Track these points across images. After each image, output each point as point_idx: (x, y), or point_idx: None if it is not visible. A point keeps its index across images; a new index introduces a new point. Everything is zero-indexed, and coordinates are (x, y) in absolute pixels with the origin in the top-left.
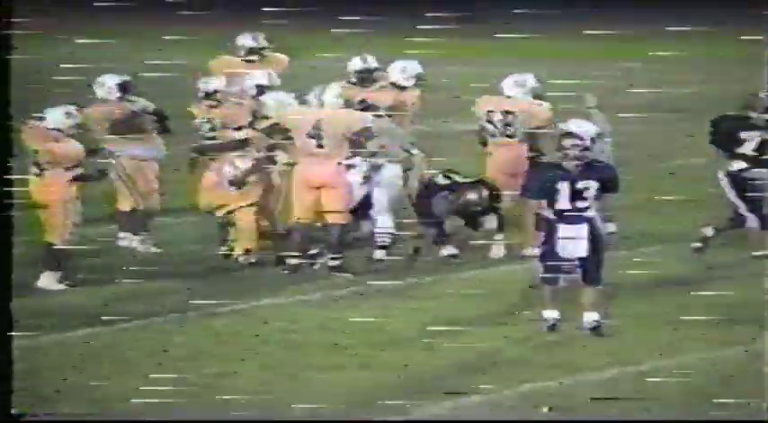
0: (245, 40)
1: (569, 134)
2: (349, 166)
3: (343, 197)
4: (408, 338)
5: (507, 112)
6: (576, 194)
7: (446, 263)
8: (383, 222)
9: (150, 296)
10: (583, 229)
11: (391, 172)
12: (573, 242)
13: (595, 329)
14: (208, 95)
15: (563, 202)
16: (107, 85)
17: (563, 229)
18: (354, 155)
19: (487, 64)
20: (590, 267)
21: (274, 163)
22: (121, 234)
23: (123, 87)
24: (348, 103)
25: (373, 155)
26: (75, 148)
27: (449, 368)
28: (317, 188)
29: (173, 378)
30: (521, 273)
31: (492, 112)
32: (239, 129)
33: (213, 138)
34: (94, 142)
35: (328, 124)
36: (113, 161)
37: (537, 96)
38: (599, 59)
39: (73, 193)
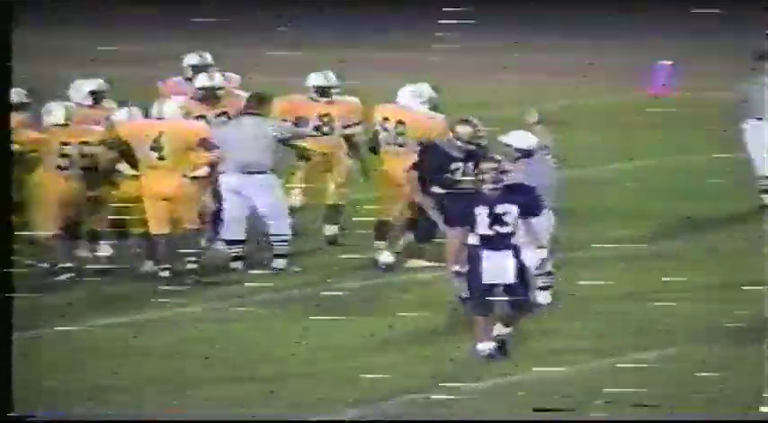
0: (191, 59)
1: (486, 158)
2: (194, 178)
3: (191, 208)
4: (288, 350)
5: (400, 122)
6: (495, 219)
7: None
8: (278, 228)
9: (32, 309)
10: (507, 256)
11: (267, 181)
12: (498, 269)
13: (501, 349)
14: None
15: (482, 228)
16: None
17: (487, 256)
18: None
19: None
20: (519, 294)
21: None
22: None
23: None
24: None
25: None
26: None
27: (326, 381)
28: (166, 200)
29: (55, 390)
30: (405, 284)
31: (387, 120)
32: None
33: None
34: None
35: (168, 137)
36: None
37: (433, 108)
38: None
39: None
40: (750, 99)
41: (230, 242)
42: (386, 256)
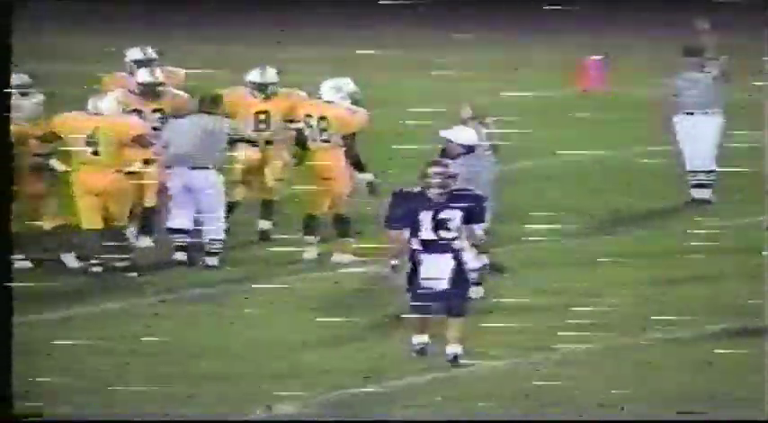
0: (134, 54)
1: (434, 162)
2: (131, 173)
3: (123, 203)
4: (218, 347)
5: (322, 118)
6: (439, 224)
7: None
8: (213, 226)
9: None
10: (447, 261)
11: (210, 178)
12: (436, 274)
13: (455, 361)
14: None
15: (426, 233)
16: None
17: (426, 260)
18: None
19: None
20: (454, 300)
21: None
22: None
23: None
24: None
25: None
26: None
27: (260, 376)
28: (98, 195)
29: None
30: (331, 280)
31: (309, 116)
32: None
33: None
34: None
35: (103, 132)
36: None
37: (355, 102)
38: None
39: None
40: (680, 94)
41: (175, 231)
42: (310, 252)
